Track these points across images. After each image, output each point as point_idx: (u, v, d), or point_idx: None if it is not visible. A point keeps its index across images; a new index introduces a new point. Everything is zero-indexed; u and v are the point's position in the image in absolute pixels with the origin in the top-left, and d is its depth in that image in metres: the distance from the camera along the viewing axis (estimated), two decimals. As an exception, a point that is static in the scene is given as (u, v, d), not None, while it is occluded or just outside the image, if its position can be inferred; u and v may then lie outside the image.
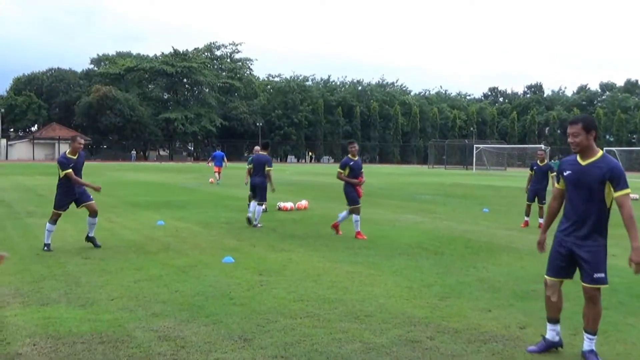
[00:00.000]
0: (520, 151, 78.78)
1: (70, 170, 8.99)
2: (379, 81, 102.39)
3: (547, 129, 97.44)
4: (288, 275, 7.34)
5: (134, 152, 77.76)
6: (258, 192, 12.30)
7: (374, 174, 44.45)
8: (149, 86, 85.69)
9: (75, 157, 9.20)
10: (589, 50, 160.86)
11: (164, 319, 5.39)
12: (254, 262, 8.20)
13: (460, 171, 62.08)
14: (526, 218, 13.37)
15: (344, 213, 11.11)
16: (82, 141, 9.67)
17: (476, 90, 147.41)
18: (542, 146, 62.22)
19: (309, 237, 10.69)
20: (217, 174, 27.76)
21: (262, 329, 5.12)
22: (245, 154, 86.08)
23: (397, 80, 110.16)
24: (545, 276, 4.80)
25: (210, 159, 30.99)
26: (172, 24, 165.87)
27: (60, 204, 9.30)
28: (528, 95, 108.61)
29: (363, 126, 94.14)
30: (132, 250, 9.09)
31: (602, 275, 4.47)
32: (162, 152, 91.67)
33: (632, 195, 17.67)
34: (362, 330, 5.13)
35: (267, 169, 12.28)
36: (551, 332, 4.73)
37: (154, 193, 20.67)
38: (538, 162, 13.54)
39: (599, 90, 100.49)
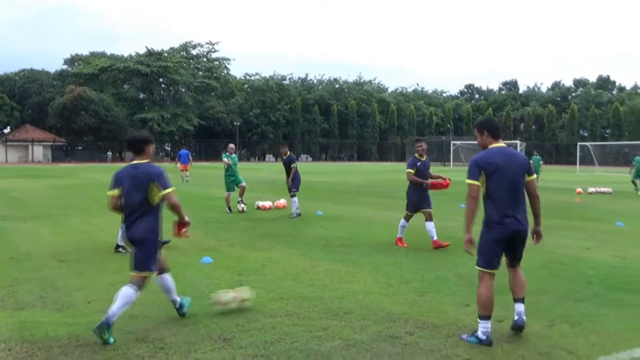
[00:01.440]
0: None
1: None
2: (356, 79, 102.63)
3: (523, 124, 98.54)
4: (267, 274, 7.33)
5: (109, 153, 76.79)
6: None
7: (352, 171, 44.57)
8: (124, 86, 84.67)
9: None
10: (562, 47, 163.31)
11: (142, 320, 5.35)
12: (233, 261, 8.18)
13: (438, 167, 62.52)
14: None
15: (403, 221, 9.96)
16: None
17: (452, 87, 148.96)
18: (518, 142, 62.93)
19: (288, 235, 10.68)
20: (183, 172, 28.01)
21: (242, 329, 5.11)
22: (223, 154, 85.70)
23: (374, 79, 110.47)
24: None
25: (177, 158, 31.12)
26: (147, 24, 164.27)
27: None
28: (503, 92, 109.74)
29: (340, 124, 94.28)
30: (109, 252, 8.99)
31: None
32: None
33: (604, 189, 18.14)
34: (341, 327, 5.14)
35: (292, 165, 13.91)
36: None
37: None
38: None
39: (573, 87, 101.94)
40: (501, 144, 5.04)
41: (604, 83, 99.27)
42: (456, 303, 6.00)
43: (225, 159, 15.08)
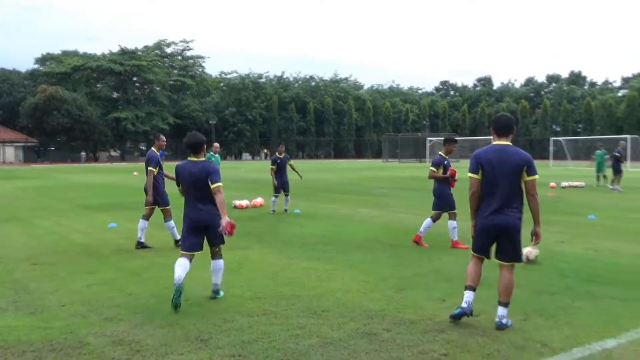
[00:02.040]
0: (471, 143, 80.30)
1: None
2: (332, 77, 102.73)
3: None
4: (245, 274, 7.31)
5: (83, 154, 75.70)
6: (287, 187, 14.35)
7: (329, 169, 44.65)
8: (98, 85, 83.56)
9: None
10: (535, 44, 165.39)
11: (118, 323, 5.28)
12: (209, 262, 8.10)
13: (414, 164, 62.95)
14: None
15: (428, 221, 9.50)
16: None
17: (428, 84, 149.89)
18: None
19: (266, 234, 10.65)
20: None
21: (219, 329, 5.08)
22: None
23: (350, 76, 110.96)
24: None
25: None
26: (120, 23, 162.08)
27: None
28: (478, 88, 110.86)
29: (317, 122, 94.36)
30: (83, 254, 8.87)
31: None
32: (113, 153, 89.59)
33: (577, 183, 18.39)
34: (319, 325, 5.15)
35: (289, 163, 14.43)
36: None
37: (106, 195, 20.20)
38: None
39: (546, 82, 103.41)
40: (504, 141, 5.20)
41: (576, 79, 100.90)
42: (433, 298, 6.05)
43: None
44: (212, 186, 6.07)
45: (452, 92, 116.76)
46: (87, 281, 6.94)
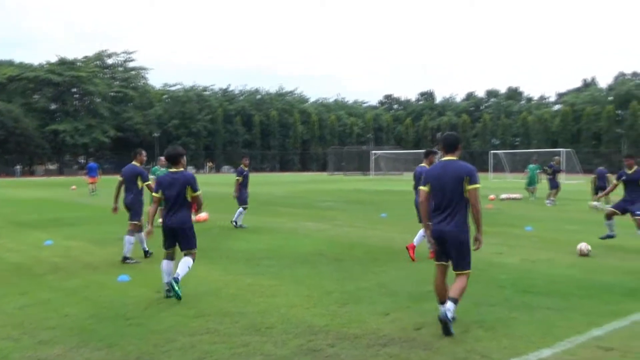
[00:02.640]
0: (415, 156, 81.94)
1: None
2: (278, 90, 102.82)
3: (439, 133, 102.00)
4: (188, 291, 7.16)
5: (18, 167, 72.77)
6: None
7: (275, 182, 44.54)
8: (34, 96, 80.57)
9: None
10: (475, 59, 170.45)
11: (53, 346, 5.08)
12: (152, 279, 7.92)
13: (359, 177, 63.56)
14: None
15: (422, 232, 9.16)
16: None
17: (372, 97, 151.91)
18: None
19: (210, 250, 10.48)
20: (91, 185, 28.36)
21: (160, 349, 4.97)
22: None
23: (295, 89, 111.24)
24: None
25: (86, 171, 31.20)
26: (58, 32, 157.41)
27: None
28: (421, 102, 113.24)
29: (263, 135, 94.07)
30: (16, 273, 8.50)
31: None
32: (50, 166, 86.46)
33: (515, 195, 18.69)
34: (263, 343, 5.11)
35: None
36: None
37: (42, 210, 19.45)
38: None
39: (485, 97, 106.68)
40: (449, 157, 5.72)
41: (514, 94, 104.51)
42: (377, 312, 6.10)
43: (151, 175, 14.65)
44: (194, 194, 6.99)
45: (395, 106, 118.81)
46: (20, 302, 6.66)
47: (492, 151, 63.21)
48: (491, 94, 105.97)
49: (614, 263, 8.96)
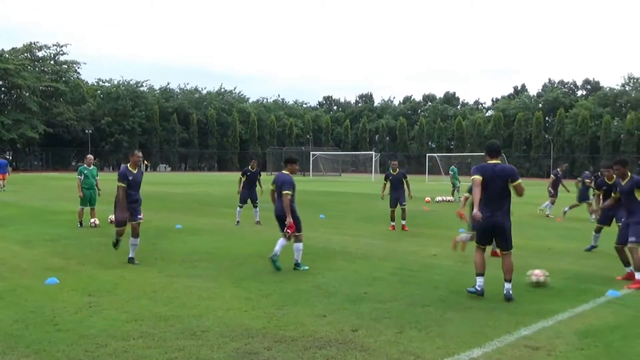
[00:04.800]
0: (353, 158, 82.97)
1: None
2: (218, 89, 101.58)
3: (377, 136, 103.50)
4: (120, 294, 6.97)
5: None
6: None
7: (213, 182, 43.96)
8: (-43, 89, 76.48)
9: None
10: (412, 63, 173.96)
11: (-25, 353, 4.83)
12: (83, 282, 7.67)
13: (298, 177, 63.54)
14: (392, 223, 14.28)
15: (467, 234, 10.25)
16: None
17: (312, 98, 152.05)
18: (373, 153, 65.94)
19: (145, 251, 10.22)
20: (1, 182, 28.53)
21: (91, 355, 4.81)
22: (74, 163, 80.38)
23: (235, 88, 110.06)
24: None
25: None
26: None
27: None
28: (360, 105, 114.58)
29: (200, 134, 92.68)
30: None
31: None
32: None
33: (449, 197, 19.17)
34: (198, 347, 5.03)
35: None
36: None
37: (-36, 209, 18.46)
38: (392, 171, 14.39)
39: (422, 101, 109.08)
40: (495, 161, 7.13)
41: (450, 98, 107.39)
42: (314, 314, 6.13)
43: (78, 176, 14.17)
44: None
45: (335, 108, 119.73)
46: (-61, 307, 6.29)
47: (428, 154, 64.69)
48: (428, 98, 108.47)
49: (541, 264, 9.34)
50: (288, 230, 8.47)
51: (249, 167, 15.64)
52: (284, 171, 9.04)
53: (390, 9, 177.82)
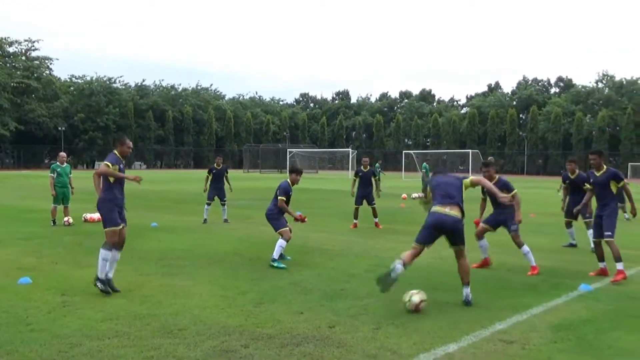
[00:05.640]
0: (330, 155, 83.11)
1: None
2: (194, 87, 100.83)
3: (354, 133, 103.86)
4: (95, 293, 6.87)
5: None
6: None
7: (189, 179, 43.62)
8: None
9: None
10: (388, 60, 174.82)
11: (-55, 355, 4.73)
12: (56, 281, 7.55)
13: (275, 175, 63.47)
14: (355, 220, 14.12)
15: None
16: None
17: (288, 95, 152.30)
18: (350, 150, 66.09)
19: (119, 249, 10.12)
20: None
21: (65, 355, 4.74)
22: (46, 161, 79.09)
23: (211, 85, 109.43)
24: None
25: None
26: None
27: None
28: (337, 102, 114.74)
29: (176, 131, 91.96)
30: None
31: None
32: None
33: (414, 195, 19.16)
34: (175, 345, 4.99)
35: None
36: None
37: None
38: (362, 168, 14.38)
39: (399, 98, 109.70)
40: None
41: (426, 96, 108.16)
42: (291, 311, 6.13)
43: (51, 174, 13.91)
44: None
45: (311, 105, 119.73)
46: None
47: (405, 151, 65.09)
48: (405, 95, 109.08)
49: (515, 261, 9.47)
50: (302, 220, 9.61)
51: (215, 164, 15.46)
52: (288, 179, 9.90)
53: (361, 6, 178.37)
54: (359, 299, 6.75)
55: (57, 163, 14.17)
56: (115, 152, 7.26)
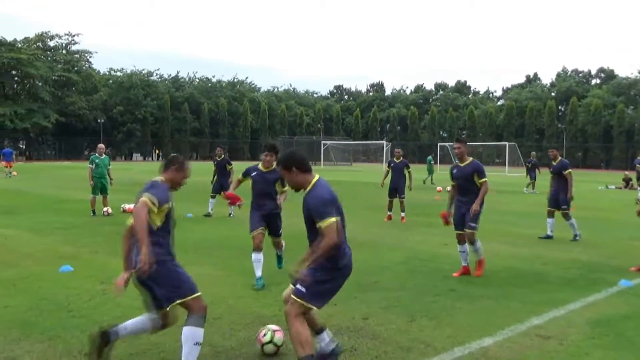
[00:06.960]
0: (364, 147, 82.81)
1: None
2: (230, 79, 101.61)
3: (388, 125, 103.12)
4: (133, 282, 7.00)
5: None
6: None
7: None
8: (-30, 78, 76.90)
9: None
10: (424, 53, 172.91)
11: (-10, 339, 4.90)
12: (96, 269, 7.75)
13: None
14: (389, 212, 14.08)
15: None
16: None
17: (322, 87, 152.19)
18: (384, 142, 65.71)
19: (156, 239, 10.31)
20: (8, 169, 31.10)
21: (104, 342, 4.85)
22: (86, 152, 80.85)
23: (246, 78, 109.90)
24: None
25: (1, 156, 34.16)
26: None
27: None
28: (371, 94, 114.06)
29: (212, 123, 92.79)
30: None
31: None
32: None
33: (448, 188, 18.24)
34: (211, 334, 5.07)
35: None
36: None
37: (-21, 198, 18.67)
38: (395, 159, 14.32)
39: (434, 90, 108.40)
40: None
41: (462, 88, 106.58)
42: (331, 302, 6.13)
43: (89, 165, 14.20)
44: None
45: (345, 97, 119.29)
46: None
47: (440, 143, 64.36)
48: (440, 86, 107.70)
49: (552, 254, 9.30)
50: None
51: (216, 156, 15.22)
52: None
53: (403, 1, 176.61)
54: (391, 291, 6.73)
55: (96, 154, 14.46)
56: (164, 179, 4.80)
